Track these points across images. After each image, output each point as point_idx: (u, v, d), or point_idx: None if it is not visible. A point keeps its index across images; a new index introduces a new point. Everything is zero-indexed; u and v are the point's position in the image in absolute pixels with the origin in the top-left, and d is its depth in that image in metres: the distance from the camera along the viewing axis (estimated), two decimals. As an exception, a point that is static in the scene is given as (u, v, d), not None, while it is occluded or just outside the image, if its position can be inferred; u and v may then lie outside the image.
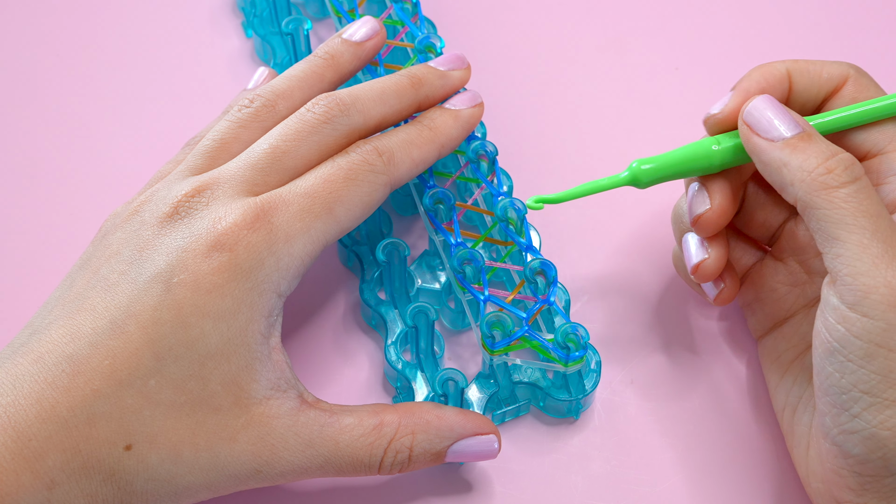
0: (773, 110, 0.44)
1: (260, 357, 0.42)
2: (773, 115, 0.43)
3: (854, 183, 0.41)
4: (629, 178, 0.46)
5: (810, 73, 0.46)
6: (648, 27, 0.60)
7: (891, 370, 0.38)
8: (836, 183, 0.41)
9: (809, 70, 0.46)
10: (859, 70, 0.46)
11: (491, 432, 0.46)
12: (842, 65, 0.46)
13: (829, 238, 0.40)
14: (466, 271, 0.48)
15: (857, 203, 0.40)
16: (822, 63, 0.46)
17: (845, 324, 0.39)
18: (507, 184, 0.52)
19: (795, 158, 0.42)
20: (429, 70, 0.49)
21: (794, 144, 0.42)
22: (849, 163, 0.41)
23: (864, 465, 0.40)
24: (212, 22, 0.60)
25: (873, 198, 0.41)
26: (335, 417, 0.44)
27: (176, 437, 0.41)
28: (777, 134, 0.43)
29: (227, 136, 0.46)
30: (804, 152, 0.42)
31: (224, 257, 0.42)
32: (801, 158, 0.42)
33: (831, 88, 0.46)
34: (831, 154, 0.42)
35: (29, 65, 0.58)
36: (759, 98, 0.44)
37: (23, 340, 0.42)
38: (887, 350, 0.39)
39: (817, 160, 0.42)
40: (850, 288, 0.39)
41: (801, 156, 0.42)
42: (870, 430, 0.39)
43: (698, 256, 0.47)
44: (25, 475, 0.39)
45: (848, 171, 0.41)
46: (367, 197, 0.45)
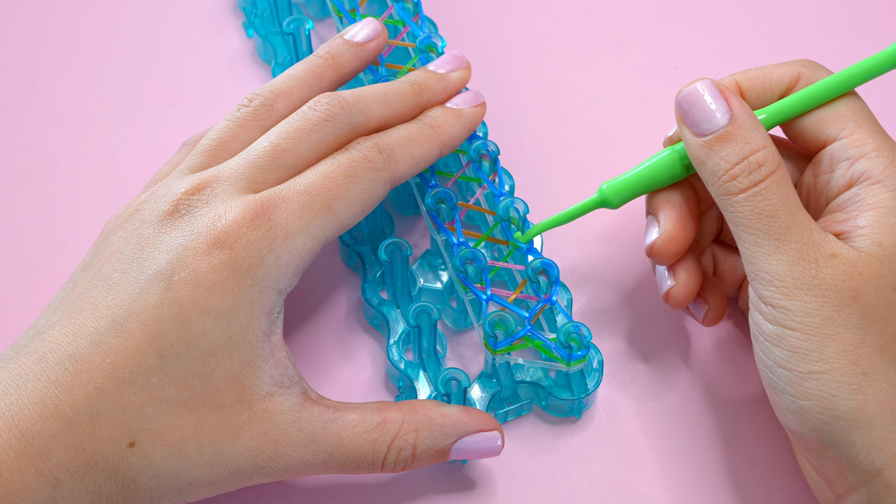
0: (702, 100, 0.44)
1: (262, 354, 0.42)
2: (700, 107, 0.44)
3: (755, 186, 0.42)
4: (599, 200, 0.48)
5: (760, 79, 0.46)
6: (648, 27, 0.60)
7: (798, 347, 0.41)
8: (737, 189, 0.43)
9: (759, 76, 0.46)
10: (813, 66, 0.46)
11: (494, 429, 0.46)
12: (792, 64, 0.46)
13: (736, 238, 0.43)
14: (468, 271, 0.48)
15: (752, 206, 0.42)
16: (772, 67, 0.47)
17: (759, 312, 0.43)
18: (509, 183, 0.52)
19: (709, 160, 0.43)
20: (429, 75, 0.49)
21: (710, 144, 0.43)
22: (754, 166, 0.42)
23: (805, 440, 0.42)
24: (212, 22, 0.60)
25: (772, 198, 0.42)
26: (339, 414, 0.44)
27: (179, 433, 0.41)
28: (700, 128, 0.44)
29: (225, 136, 0.46)
30: (717, 154, 0.43)
31: (224, 255, 0.42)
32: (713, 161, 0.43)
33: (784, 89, 0.46)
34: (742, 157, 0.43)
35: (29, 65, 0.58)
36: (697, 83, 0.44)
37: (26, 341, 0.42)
38: (792, 330, 0.41)
39: (726, 164, 0.43)
40: (755, 282, 0.42)
41: (714, 158, 0.43)
42: (796, 402, 0.41)
43: (664, 285, 0.48)
44: (30, 473, 0.39)
45: (752, 175, 0.42)
46: (367, 194, 0.45)
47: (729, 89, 0.44)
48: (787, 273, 0.42)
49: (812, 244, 0.42)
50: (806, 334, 0.41)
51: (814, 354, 0.41)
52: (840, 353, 0.41)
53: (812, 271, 0.41)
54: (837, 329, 0.41)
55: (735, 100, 0.44)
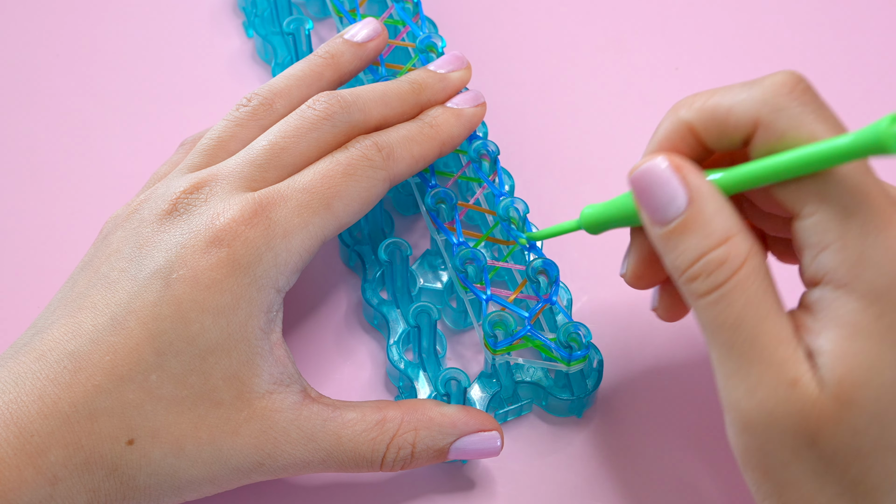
0: (656, 183, 0.38)
1: (261, 352, 0.42)
2: (654, 192, 0.39)
3: (716, 290, 0.37)
4: (579, 223, 0.45)
5: (716, 121, 0.39)
6: (648, 27, 0.60)
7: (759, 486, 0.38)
8: (698, 293, 0.38)
9: (715, 117, 0.39)
10: (782, 99, 0.38)
11: (493, 429, 0.46)
12: (753, 100, 0.38)
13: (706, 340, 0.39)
14: (468, 271, 0.48)
15: (715, 314, 0.37)
16: (731, 101, 0.38)
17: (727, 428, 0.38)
18: (509, 183, 0.52)
19: (668, 255, 0.39)
20: (429, 74, 0.49)
21: (667, 237, 0.38)
22: (714, 265, 0.37)
23: None
24: (212, 22, 0.60)
25: (735, 304, 0.37)
26: (338, 412, 0.44)
27: (178, 431, 0.41)
28: (656, 217, 0.39)
29: (224, 135, 0.46)
30: (675, 249, 0.38)
31: (222, 253, 0.42)
32: (672, 256, 0.38)
33: (742, 136, 0.39)
34: (700, 253, 0.38)
35: (29, 65, 0.58)
36: (650, 163, 0.39)
37: (26, 340, 0.42)
38: (751, 468, 0.38)
39: (684, 262, 0.38)
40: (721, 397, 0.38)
41: (673, 253, 0.38)
42: None
43: (651, 303, 0.46)
44: (28, 471, 0.39)
45: (712, 277, 0.37)
46: (366, 192, 0.45)
47: (687, 166, 0.38)
48: (745, 402, 0.37)
49: (775, 365, 0.36)
50: (764, 476, 0.38)
51: (772, 498, 0.38)
52: (798, 500, 0.37)
53: (770, 404, 0.36)
54: (794, 475, 0.37)
55: (694, 179, 0.38)
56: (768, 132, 0.37)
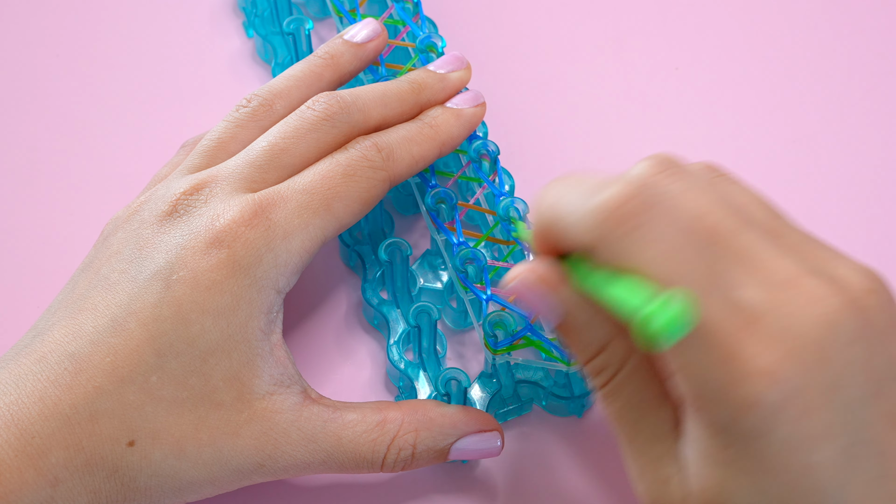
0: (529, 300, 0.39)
1: (261, 353, 0.42)
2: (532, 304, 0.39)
3: (601, 389, 0.39)
4: None
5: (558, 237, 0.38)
6: (648, 27, 0.60)
7: None
8: (593, 387, 0.40)
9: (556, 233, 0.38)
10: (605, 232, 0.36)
11: (494, 429, 0.46)
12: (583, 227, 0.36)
13: None
14: (469, 271, 0.48)
15: (605, 407, 0.39)
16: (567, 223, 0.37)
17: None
18: (509, 183, 0.52)
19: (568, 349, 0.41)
20: (429, 74, 0.49)
21: (560, 337, 0.40)
22: (595, 372, 0.39)
23: None
24: (212, 22, 0.60)
25: (617, 402, 0.38)
26: (338, 413, 0.44)
27: (179, 432, 0.41)
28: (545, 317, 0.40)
29: (224, 136, 0.46)
30: (569, 348, 0.40)
31: (222, 254, 0.42)
32: (571, 352, 0.41)
33: None
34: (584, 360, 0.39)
35: (29, 65, 0.58)
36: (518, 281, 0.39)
37: (27, 342, 0.42)
38: None
39: (578, 361, 0.40)
40: None
41: (570, 350, 0.41)
42: None
43: None
44: (29, 472, 0.39)
45: (596, 379, 0.39)
46: (366, 193, 0.45)
47: (555, 279, 0.38)
48: (637, 486, 0.39)
49: (652, 461, 0.38)
50: None
51: None
52: None
53: (653, 494, 0.38)
54: None
55: (562, 293, 0.39)
56: (599, 260, 0.36)
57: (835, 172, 0.56)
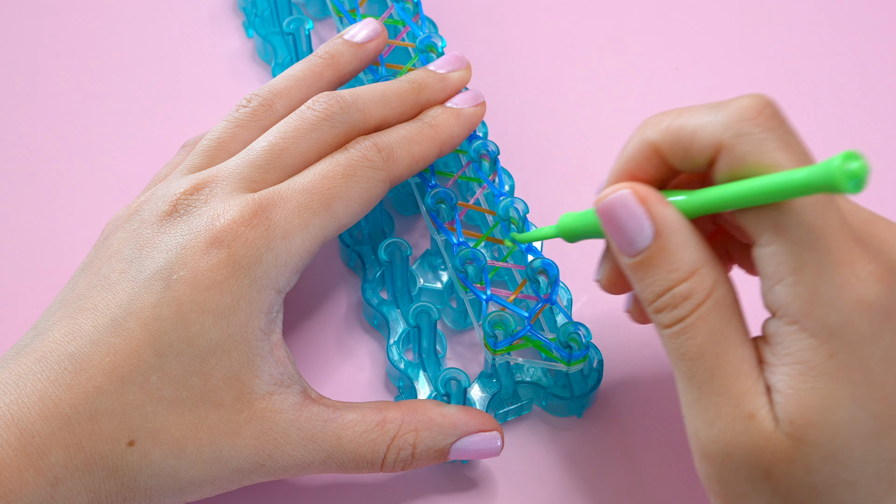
0: (622, 216, 0.39)
1: (261, 353, 0.42)
2: (620, 224, 0.39)
3: (679, 323, 0.38)
4: (556, 231, 0.45)
5: (681, 143, 0.38)
6: (648, 27, 0.60)
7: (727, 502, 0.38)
8: (663, 324, 0.38)
9: (680, 140, 0.38)
10: (746, 125, 0.37)
11: (494, 429, 0.46)
12: (717, 124, 0.37)
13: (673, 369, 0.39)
14: (468, 271, 0.48)
15: (678, 345, 0.38)
16: (695, 123, 0.38)
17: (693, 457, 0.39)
18: (509, 183, 0.52)
19: (637, 284, 0.39)
20: (429, 74, 0.49)
21: (635, 269, 0.39)
22: (679, 299, 0.38)
23: None
24: (212, 22, 0.60)
25: (698, 336, 0.37)
26: (338, 413, 0.44)
27: (179, 432, 0.41)
28: (624, 249, 0.39)
29: (224, 136, 0.46)
30: (643, 280, 0.39)
31: (222, 254, 0.42)
32: (640, 287, 0.39)
33: (706, 160, 0.38)
34: (665, 288, 0.38)
35: (29, 65, 0.58)
36: (615, 195, 0.39)
37: (27, 342, 0.42)
38: (713, 494, 0.39)
39: (650, 295, 0.39)
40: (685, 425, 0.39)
41: (641, 284, 0.39)
42: None
43: (625, 305, 0.46)
44: (29, 472, 0.39)
45: (677, 310, 0.38)
46: (366, 193, 0.45)
47: (653, 197, 0.38)
48: (704, 433, 0.38)
49: (734, 398, 0.37)
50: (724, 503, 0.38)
51: None
52: None
53: (727, 436, 0.37)
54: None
55: (660, 211, 0.38)
56: (730, 157, 0.37)
57: (835, 172, 0.56)
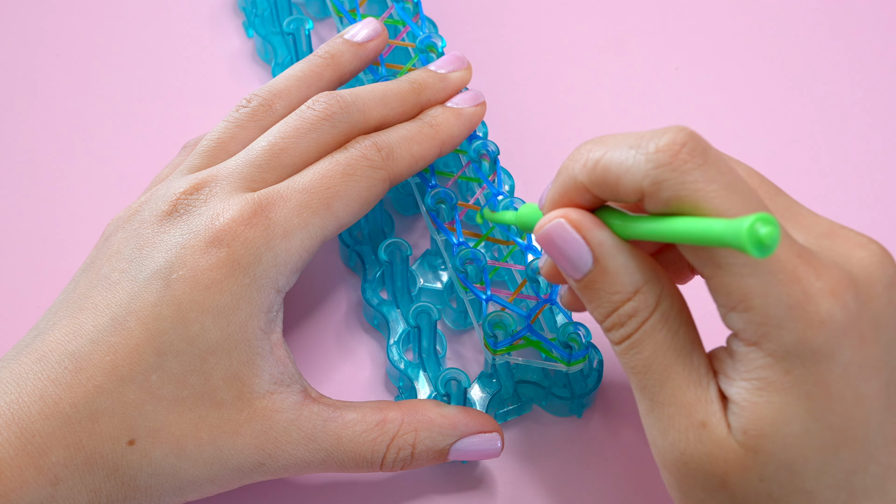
0: (562, 243, 0.39)
1: (261, 352, 0.43)
2: (560, 251, 0.39)
3: (626, 340, 0.38)
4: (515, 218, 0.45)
5: (607, 185, 0.38)
6: (648, 27, 0.60)
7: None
8: (613, 341, 0.39)
9: (607, 182, 0.38)
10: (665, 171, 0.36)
11: (494, 430, 0.46)
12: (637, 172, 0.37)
13: None
14: (468, 271, 0.48)
15: (628, 359, 0.39)
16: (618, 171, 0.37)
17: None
18: (509, 183, 0.52)
19: (587, 305, 0.40)
20: (429, 74, 0.50)
21: (582, 291, 0.39)
22: (625, 318, 0.38)
23: None
24: (212, 22, 0.60)
25: (644, 350, 0.38)
26: (338, 412, 0.44)
27: (179, 431, 0.41)
28: (569, 272, 0.39)
29: (224, 136, 0.46)
30: (590, 302, 0.39)
31: (222, 253, 0.42)
32: (589, 308, 0.40)
33: (635, 200, 0.38)
34: (611, 309, 0.39)
35: (29, 65, 0.58)
36: (548, 228, 0.39)
37: (27, 342, 0.42)
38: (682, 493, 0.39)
39: (599, 315, 0.39)
40: None
41: (589, 305, 0.39)
42: None
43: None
44: (29, 471, 0.39)
45: (623, 328, 0.38)
46: (366, 192, 0.45)
47: (587, 223, 0.38)
48: (659, 442, 0.38)
49: (685, 407, 0.37)
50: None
51: None
52: None
53: (681, 445, 0.37)
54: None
55: (596, 237, 0.38)
56: (653, 201, 0.37)
57: (834, 172, 0.56)
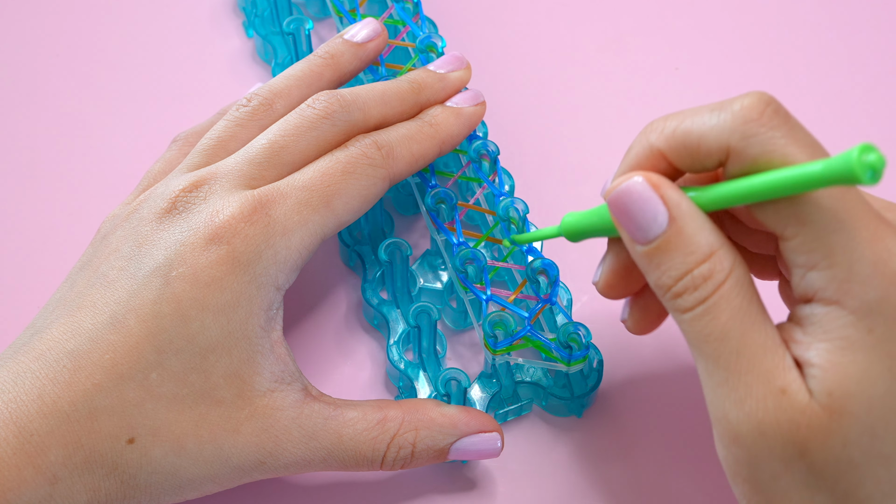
0: (636, 203, 0.38)
1: (261, 350, 0.42)
2: (633, 212, 0.38)
3: (701, 305, 0.37)
4: (559, 231, 0.45)
5: (687, 148, 0.38)
6: (648, 27, 0.60)
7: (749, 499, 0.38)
8: (683, 308, 0.38)
9: (686, 146, 0.38)
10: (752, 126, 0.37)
11: (494, 430, 0.46)
12: (722, 126, 0.37)
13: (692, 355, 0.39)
14: (468, 271, 0.48)
15: (701, 327, 0.37)
16: (700, 129, 0.38)
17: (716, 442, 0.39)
18: (509, 183, 0.52)
19: (652, 272, 0.39)
20: (429, 74, 0.50)
21: (650, 256, 0.38)
22: (700, 281, 0.37)
23: None
24: (212, 22, 0.60)
25: (721, 316, 0.37)
26: (339, 411, 0.44)
27: (179, 429, 0.41)
28: (637, 237, 0.39)
29: (224, 135, 0.46)
30: (659, 267, 0.38)
31: (222, 250, 0.42)
32: (656, 274, 0.38)
33: (715, 163, 0.38)
34: (685, 271, 0.38)
35: (29, 65, 0.58)
36: (628, 183, 0.39)
37: (25, 340, 0.42)
38: (741, 480, 0.38)
39: (669, 280, 0.38)
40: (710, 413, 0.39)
41: (657, 271, 0.38)
42: None
43: (622, 314, 0.45)
44: (28, 470, 0.39)
45: (697, 292, 0.37)
46: (366, 190, 0.45)
47: (665, 183, 0.38)
48: (734, 413, 0.37)
49: (764, 374, 0.37)
50: (754, 489, 0.38)
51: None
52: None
53: (759, 414, 0.36)
54: (785, 487, 0.37)
55: (673, 197, 0.38)
56: (740, 159, 0.37)
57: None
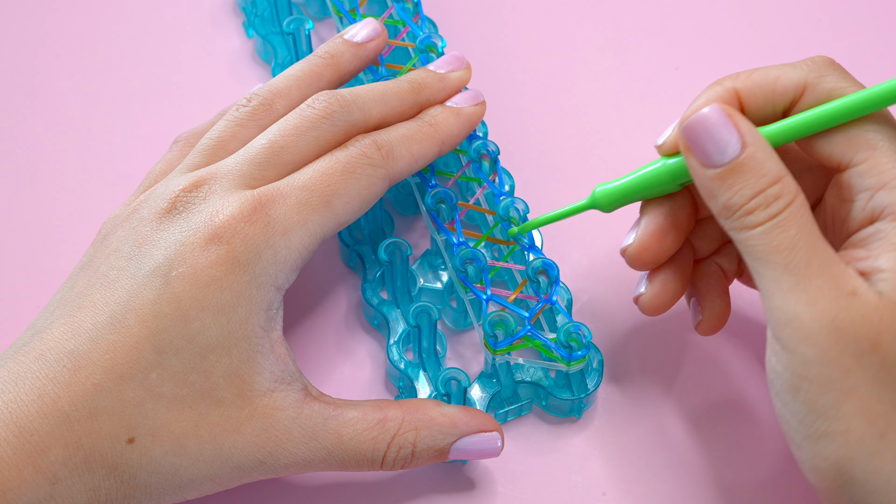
0: (711, 129, 0.41)
1: (261, 350, 0.42)
2: (708, 137, 0.41)
3: (772, 219, 0.40)
4: (591, 202, 0.46)
5: (762, 88, 0.42)
6: (648, 27, 0.60)
7: (814, 402, 0.39)
8: (753, 223, 0.40)
9: (761, 85, 0.42)
10: (821, 68, 0.42)
11: (494, 430, 0.46)
12: (798, 68, 0.42)
13: (754, 273, 0.40)
14: (469, 271, 0.48)
15: (770, 239, 0.40)
16: (776, 71, 0.42)
17: (774, 356, 0.40)
18: (509, 183, 0.52)
19: (722, 194, 0.41)
20: (429, 74, 0.50)
21: (723, 177, 0.40)
22: (771, 199, 0.40)
23: (821, 495, 0.40)
24: (212, 22, 0.60)
25: (791, 229, 0.39)
26: (339, 411, 0.44)
27: (179, 429, 0.41)
28: (710, 160, 0.41)
29: (224, 135, 0.46)
30: (731, 188, 0.40)
31: (222, 250, 0.42)
32: (726, 196, 0.40)
33: (788, 102, 0.42)
34: (757, 190, 0.40)
35: (29, 65, 0.58)
36: (704, 110, 0.41)
37: (25, 340, 0.42)
38: (808, 382, 0.39)
39: (741, 199, 0.40)
40: (771, 322, 0.40)
41: (727, 193, 0.40)
42: (811, 460, 0.39)
43: (637, 290, 0.47)
44: (28, 470, 0.39)
45: (769, 208, 0.40)
46: (365, 190, 0.45)
47: (738, 114, 0.41)
48: (806, 313, 0.39)
49: (833, 279, 0.39)
50: (823, 388, 0.38)
51: (830, 412, 0.38)
52: (858, 411, 0.38)
53: (832, 311, 0.38)
54: (856, 383, 0.38)
55: (746, 126, 0.41)
56: (816, 92, 0.41)
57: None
